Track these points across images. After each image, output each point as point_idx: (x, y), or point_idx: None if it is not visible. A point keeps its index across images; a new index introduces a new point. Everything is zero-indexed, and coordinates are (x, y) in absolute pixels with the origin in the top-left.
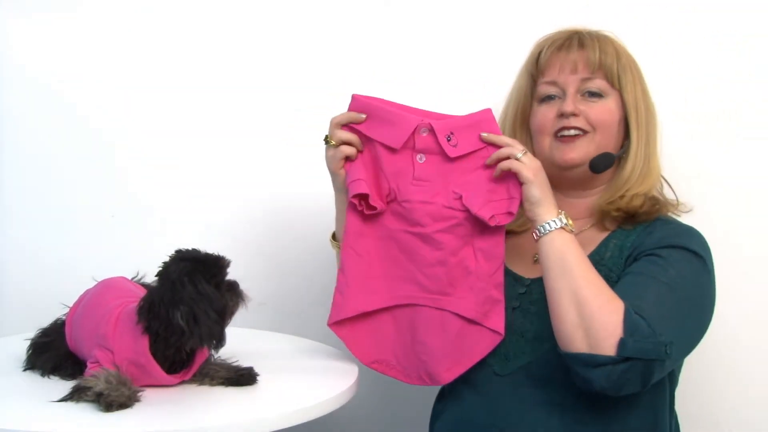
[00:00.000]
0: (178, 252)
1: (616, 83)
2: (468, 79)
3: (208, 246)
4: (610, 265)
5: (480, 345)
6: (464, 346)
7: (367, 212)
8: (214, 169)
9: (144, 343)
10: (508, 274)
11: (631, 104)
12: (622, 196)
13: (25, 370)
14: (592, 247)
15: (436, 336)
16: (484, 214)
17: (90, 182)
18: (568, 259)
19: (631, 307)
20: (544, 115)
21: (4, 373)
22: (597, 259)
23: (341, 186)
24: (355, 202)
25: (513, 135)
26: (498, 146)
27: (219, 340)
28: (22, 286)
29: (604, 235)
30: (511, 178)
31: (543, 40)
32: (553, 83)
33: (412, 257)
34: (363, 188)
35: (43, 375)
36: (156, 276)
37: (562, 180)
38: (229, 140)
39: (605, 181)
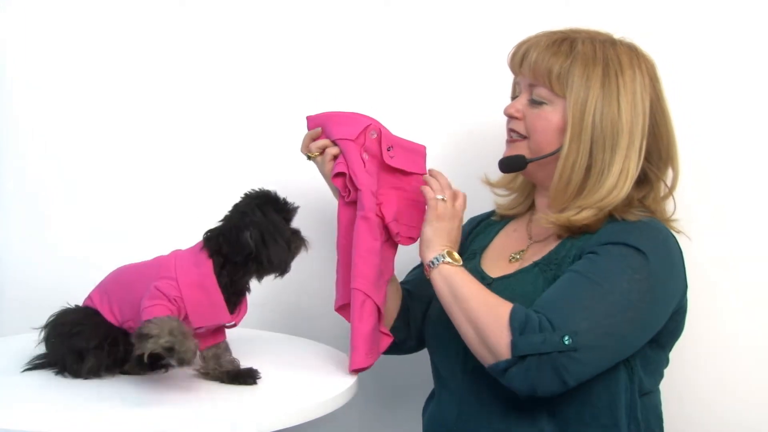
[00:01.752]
0: (248, 194)
1: (560, 91)
2: (468, 79)
3: None
4: (562, 264)
5: (382, 343)
6: (378, 339)
7: (347, 199)
8: (214, 169)
9: (208, 266)
10: (476, 271)
11: (570, 112)
12: (565, 209)
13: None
14: (552, 246)
15: (356, 322)
16: (393, 227)
17: (89, 183)
18: (454, 284)
19: (520, 308)
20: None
21: (3, 373)
22: (552, 258)
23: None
24: (339, 186)
25: None
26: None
27: (285, 267)
28: (22, 286)
29: (567, 233)
30: (423, 212)
31: (523, 40)
32: (518, 83)
33: (358, 242)
34: (341, 168)
35: (106, 372)
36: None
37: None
38: (229, 141)
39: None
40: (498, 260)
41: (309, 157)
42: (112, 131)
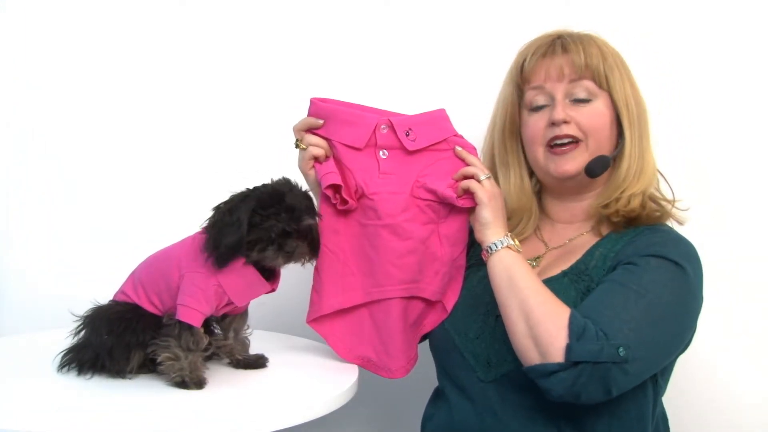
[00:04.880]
0: (276, 181)
1: (603, 84)
2: (468, 79)
3: None
4: (593, 274)
5: (429, 320)
6: (425, 321)
7: (340, 207)
8: (214, 168)
9: None
10: None
11: (621, 103)
12: (618, 198)
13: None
14: (579, 255)
15: (403, 320)
16: (450, 194)
17: (90, 183)
18: (514, 274)
19: (579, 313)
20: (535, 124)
21: (4, 373)
22: (582, 268)
23: (313, 186)
24: (329, 194)
25: (503, 145)
26: (466, 163)
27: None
28: (23, 286)
29: (594, 241)
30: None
31: (525, 48)
32: (540, 89)
33: (382, 251)
34: (335, 179)
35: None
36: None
37: (558, 187)
38: (229, 140)
39: (602, 183)
40: None
41: (297, 145)
42: (111, 131)
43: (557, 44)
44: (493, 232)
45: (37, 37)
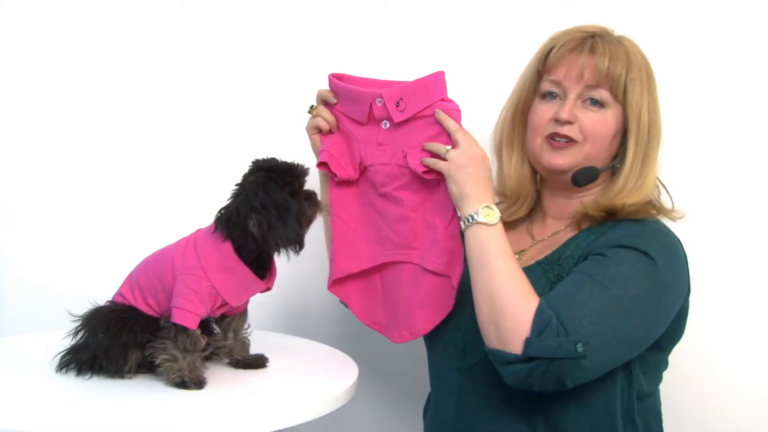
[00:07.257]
0: (256, 162)
1: (620, 96)
2: (468, 79)
3: None
4: (565, 264)
5: (449, 296)
6: (441, 298)
7: (336, 179)
8: (214, 169)
9: (228, 247)
10: None
11: (633, 120)
12: (607, 210)
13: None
14: (556, 247)
15: (410, 288)
16: (416, 165)
17: (90, 183)
18: (486, 252)
19: (546, 305)
20: (542, 114)
21: (4, 373)
22: (555, 258)
23: (315, 152)
24: (324, 170)
25: (512, 123)
26: (443, 127)
27: (296, 245)
28: (23, 286)
29: (573, 233)
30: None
31: (557, 36)
32: (557, 84)
33: (384, 217)
34: (324, 157)
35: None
36: (235, 186)
37: (550, 180)
38: (229, 141)
39: (595, 188)
40: None
41: (310, 110)
42: (111, 131)
43: (587, 43)
44: (466, 204)
45: (36, 36)
